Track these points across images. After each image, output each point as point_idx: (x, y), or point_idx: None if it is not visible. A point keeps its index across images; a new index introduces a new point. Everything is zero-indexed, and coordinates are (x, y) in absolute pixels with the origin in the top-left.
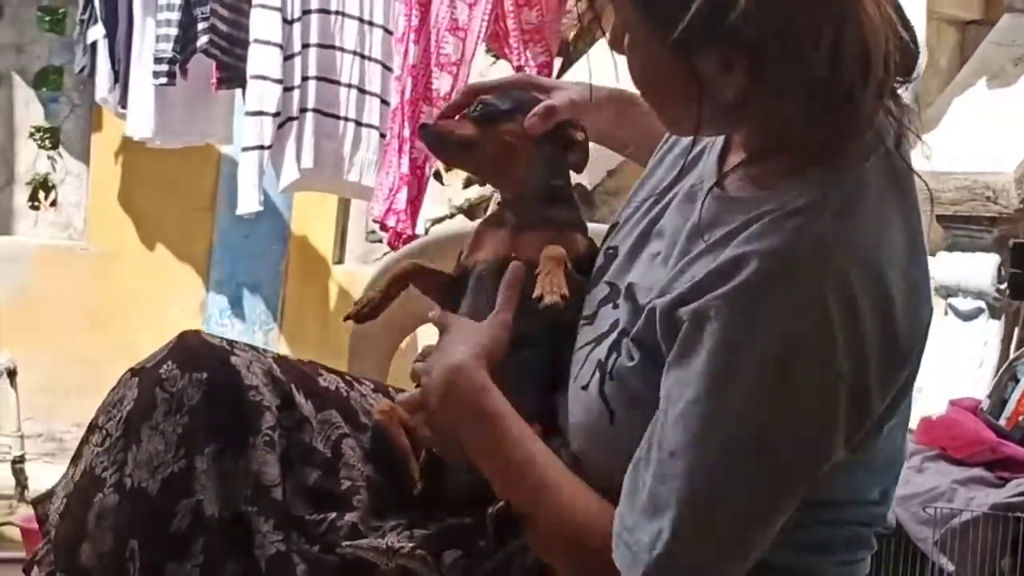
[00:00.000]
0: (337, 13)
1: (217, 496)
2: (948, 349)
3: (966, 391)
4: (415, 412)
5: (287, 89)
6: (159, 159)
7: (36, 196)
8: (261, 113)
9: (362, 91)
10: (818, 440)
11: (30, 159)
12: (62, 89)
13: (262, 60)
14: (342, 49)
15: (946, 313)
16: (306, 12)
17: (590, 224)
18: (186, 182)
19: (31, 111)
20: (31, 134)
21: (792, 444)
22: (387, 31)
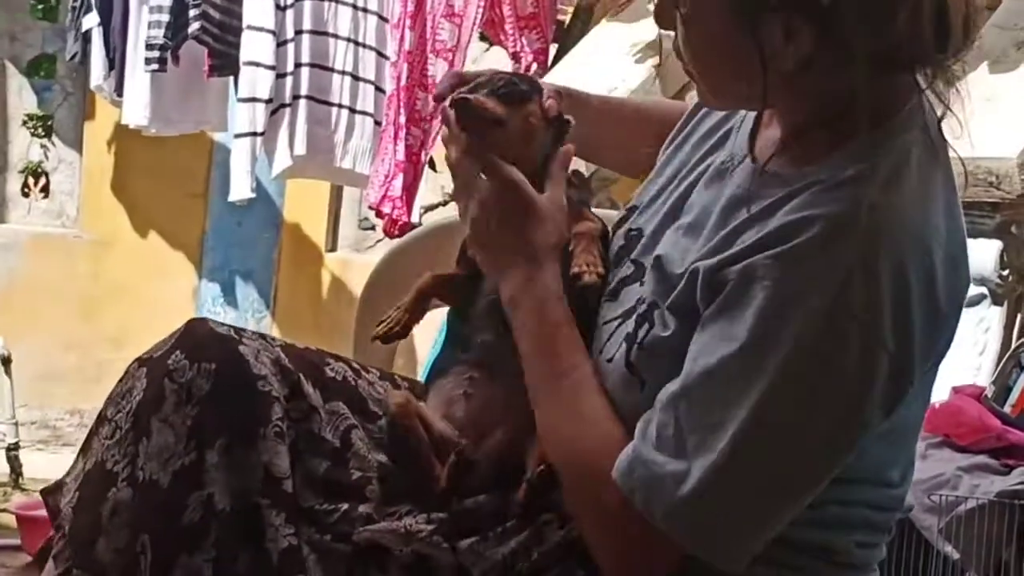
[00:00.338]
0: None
1: (228, 488)
2: None
3: (968, 378)
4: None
5: (280, 76)
6: (152, 147)
7: (29, 184)
8: (254, 100)
9: (356, 78)
10: (856, 403)
11: (23, 147)
12: (55, 77)
13: (255, 46)
14: (336, 36)
15: None
16: None
17: (596, 210)
18: (179, 170)
19: (24, 99)
20: (24, 122)
21: (831, 404)
22: (381, 18)
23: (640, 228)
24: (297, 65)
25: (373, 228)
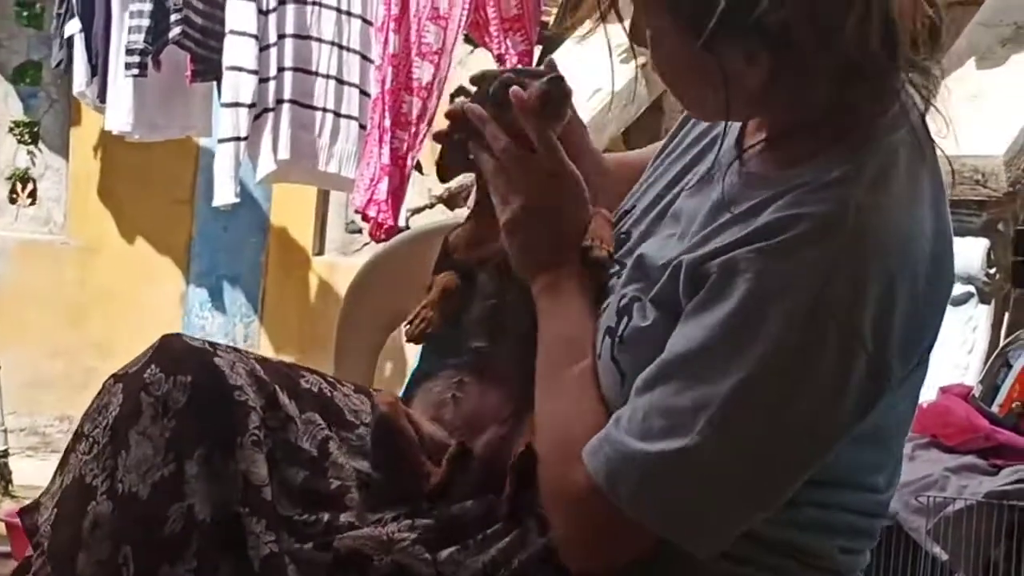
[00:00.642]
0: (314, 3)
1: (208, 499)
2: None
3: (955, 377)
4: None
5: (263, 80)
6: (138, 152)
7: (16, 191)
8: (237, 104)
9: (340, 82)
10: (830, 400)
11: (9, 154)
12: (41, 84)
13: (237, 51)
14: (319, 39)
15: None
16: (282, 2)
17: None
18: (165, 175)
19: (10, 106)
20: (10, 129)
21: (805, 399)
22: (365, 21)
23: (629, 232)
24: (280, 69)
25: (360, 231)
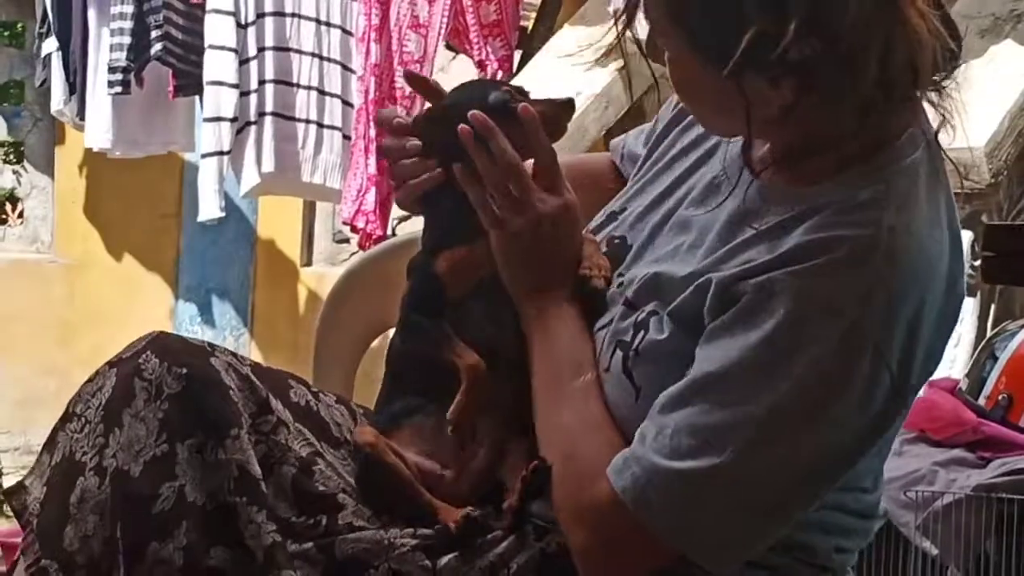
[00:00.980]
0: (293, 15)
1: (201, 485)
2: None
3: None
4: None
5: (244, 94)
6: (123, 169)
7: (7, 211)
8: (219, 119)
9: (322, 92)
10: (858, 422)
11: None
12: (24, 103)
13: (217, 65)
14: (299, 51)
15: None
16: (260, 16)
17: None
18: (151, 191)
19: None
20: None
21: (835, 422)
22: (345, 31)
23: (623, 236)
24: (261, 82)
25: (347, 241)
